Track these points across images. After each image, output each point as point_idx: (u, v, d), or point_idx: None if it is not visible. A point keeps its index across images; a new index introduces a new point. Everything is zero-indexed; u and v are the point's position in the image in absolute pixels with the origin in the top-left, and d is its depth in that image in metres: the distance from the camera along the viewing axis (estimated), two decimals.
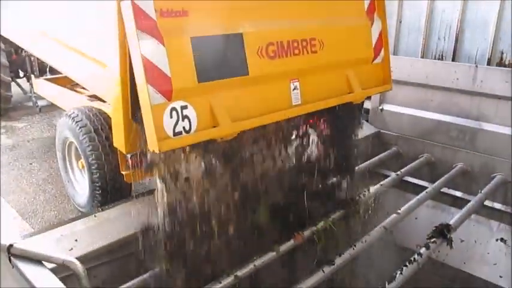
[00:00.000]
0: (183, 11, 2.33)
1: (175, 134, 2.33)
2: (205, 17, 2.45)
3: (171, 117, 2.32)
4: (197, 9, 2.41)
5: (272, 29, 2.76)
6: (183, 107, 2.36)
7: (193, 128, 2.41)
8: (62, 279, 2.27)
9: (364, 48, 3.43)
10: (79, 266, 2.26)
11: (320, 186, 3.56)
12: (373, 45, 3.46)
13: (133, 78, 2.53)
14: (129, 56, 2.45)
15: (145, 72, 2.19)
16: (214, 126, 2.50)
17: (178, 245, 2.70)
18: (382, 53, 3.53)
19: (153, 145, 2.27)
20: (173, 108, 2.33)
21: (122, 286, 2.70)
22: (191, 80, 2.36)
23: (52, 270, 2.27)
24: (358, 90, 3.30)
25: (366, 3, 3.40)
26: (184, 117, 2.37)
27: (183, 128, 2.37)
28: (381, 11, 3.47)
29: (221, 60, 2.51)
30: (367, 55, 3.45)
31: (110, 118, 4.10)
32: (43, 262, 2.25)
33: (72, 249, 2.91)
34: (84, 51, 3.61)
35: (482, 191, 3.98)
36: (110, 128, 4.03)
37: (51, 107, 7.46)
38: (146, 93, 2.21)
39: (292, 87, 2.91)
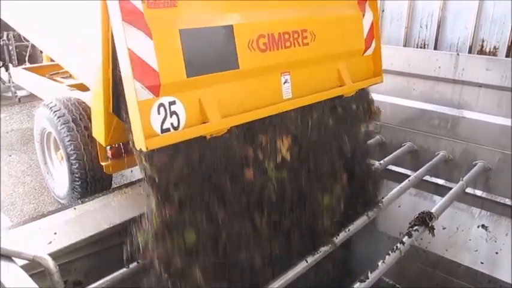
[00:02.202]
0: (171, 1, 2.24)
1: (163, 130, 2.24)
2: (194, 8, 2.36)
3: (159, 113, 2.22)
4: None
5: (263, 20, 2.69)
6: (171, 103, 2.27)
7: (182, 124, 2.32)
8: (36, 275, 2.21)
9: (355, 39, 3.39)
10: (50, 262, 2.21)
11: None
12: (365, 37, 3.42)
13: (116, 72, 2.48)
14: (112, 49, 2.38)
15: (132, 66, 2.09)
16: (204, 122, 2.40)
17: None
18: (374, 44, 3.49)
19: (139, 143, 2.17)
20: (161, 104, 2.22)
21: (104, 279, 2.65)
22: (180, 74, 2.27)
23: (24, 266, 2.21)
24: (349, 83, 3.26)
25: None
26: (173, 113, 2.28)
27: (171, 124, 2.27)
28: (372, 2, 3.43)
29: (211, 54, 2.43)
30: (359, 47, 3.42)
31: (89, 108, 4.05)
32: (13, 258, 2.19)
33: (51, 242, 2.87)
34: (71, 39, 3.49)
35: (464, 179, 4.01)
36: (89, 117, 3.99)
37: (31, 97, 7.33)
38: (133, 89, 2.11)
39: (283, 80, 2.84)
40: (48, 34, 3.73)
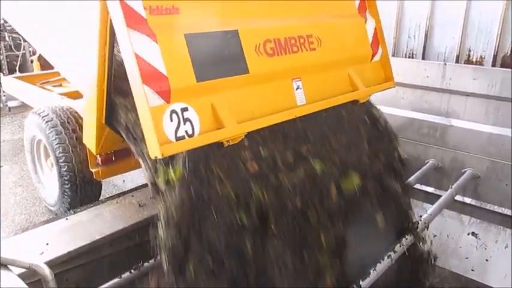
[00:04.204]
0: (173, 8, 2.23)
1: (177, 138, 2.15)
2: (197, 13, 2.37)
3: (171, 120, 2.14)
4: (188, 5, 2.31)
5: (267, 26, 2.69)
6: (184, 109, 2.20)
7: (197, 131, 2.24)
8: (31, 285, 2.23)
9: (361, 45, 3.41)
10: (46, 270, 2.22)
11: None
12: (370, 42, 3.44)
13: (111, 83, 2.49)
14: (109, 60, 2.40)
15: (139, 71, 2.03)
16: (219, 129, 2.33)
17: None
18: (380, 50, 3.52)
19: (154, 151, 2.07)
20: (173, 111, 2.15)
21: None
22: (189, 79, 2.22)
23: (20, 275, 2.22)
24: (363, 88, 3.24)
25: (357, 3, 3.40)
26: (186, 120, 2.20)
27: (186, 132, 2.19)
28: (373, 10, 3.46)
29: (219, 58, 2.39)
30: (365, 52, 3.43)
31: (77, 112, 4.07)
32: (9, 267, 2.19)
33: (43, 252, 2.87)
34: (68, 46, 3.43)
35: (453, 186, 4.06)
36: (77, 121, 4.02)
37: (22, 108, 7.32)
38: (143, 95, 2.04)
39: (295, 86, 2.81)
40: (46, 39, 3.70)
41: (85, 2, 2.49)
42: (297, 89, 2.82)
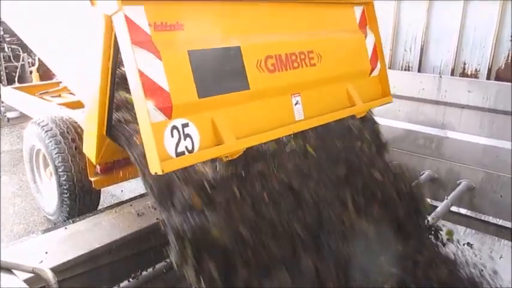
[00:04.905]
0: (178, 24, 2.26)
1: (177, 154, 2.18)
2: (201, 29, 2.39)
3: (172, 136, 2.18)
4: (193, 22, 2.33)
5: (269, 41, 2.72)
6: (184, 125, 2.24)
7: (196, 147, 2.28)
8: None
9: (361, 60, 3.44)
10: (49, 274, 2.26)
11: None
12: (369, 58, 3.48)
13: (113, 94, 2.52)
14: (112, 71, 2.42)
15: (143, 88, 2.05)
16: (218, 144, 2.36)
17: None
18: (379, 65, 3.55)
19: (155, 167, 2.10)
20: (174, 127, 2.19)
21: None
22: (191, 95, 2.24)
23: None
24: (360, 103, 3.28)
25: (358, 17, 3.43)
26: (186, 136, 2.24)
27: (186, 147, 2.23)
28: (373, 24, 3.50)
29: (221, 74, 2.41)
30: (365, 68, 3.47)
31: (77, 123, 4.09)
32: (13, 271, 2.22)
33: (42, 261, 2.88)
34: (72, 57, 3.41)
35: (448, 197, 4.10)
36: (76, 131, 4.04)
37: (21, 119, 7.35)
38: (145, 110, 2.06)
39: (294, 101, 2.84)
40: (49, 48, 3.73)
41: (89, 14, 2.52)
42: (295, 104, 2.85)
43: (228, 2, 2.60)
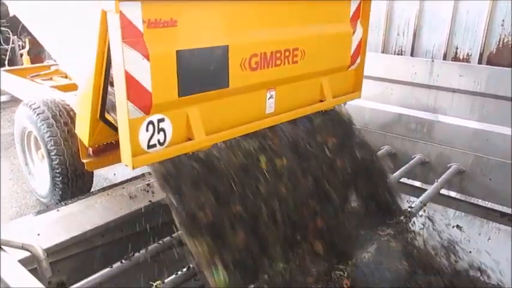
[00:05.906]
0: (171, 20, 2.23)
1: (149, 146, 2.32)
2: (193, 27, 2.36)
3: (147, 130, 2.29)
4: (187, 18, 2.30)
5: (257, 39, 2.69)
6: (160, 120, 2.34)
7: (168, 140, 2.41)
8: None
9: (342, 56, 3.44)
10: (39, 249, 2.26)
11: None
12: (351, 53, 3.47)
13: (108, 78, 2.51)
14: (106, 64, 2.42)
15: (127, 87, 2.11)
16: (189, 139, 2.49)
17: None
18: (359, 60, 3.55)
19: (126, 161, 2.26)
20: (150, 122, 2.30)
21: (87, 279, 2.69)
22: (172, 94, 2.31)
23: None
24: (330, 98, 3.34)
25: (352, 10, 3.39)
26: (160, 130, 2.35)
27: (158, 140, 2.35)
28: (364, 19, 3.47)
29: (204, 73, 2.45)
30: (344, 63, 3.47)
31: (69, 105, 4.06)
32: (3, 247, 2.23)
33: None
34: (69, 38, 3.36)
35: (438, 180, 4.15)
36: (69, 114, 4.01)
37: (12, 103, 7.28)
38: (125, 109, 2.15)
39: (268, 96, 2.90)
40: (47, 28, 3.68)
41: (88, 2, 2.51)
42: (269, 98, 2.91)
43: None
